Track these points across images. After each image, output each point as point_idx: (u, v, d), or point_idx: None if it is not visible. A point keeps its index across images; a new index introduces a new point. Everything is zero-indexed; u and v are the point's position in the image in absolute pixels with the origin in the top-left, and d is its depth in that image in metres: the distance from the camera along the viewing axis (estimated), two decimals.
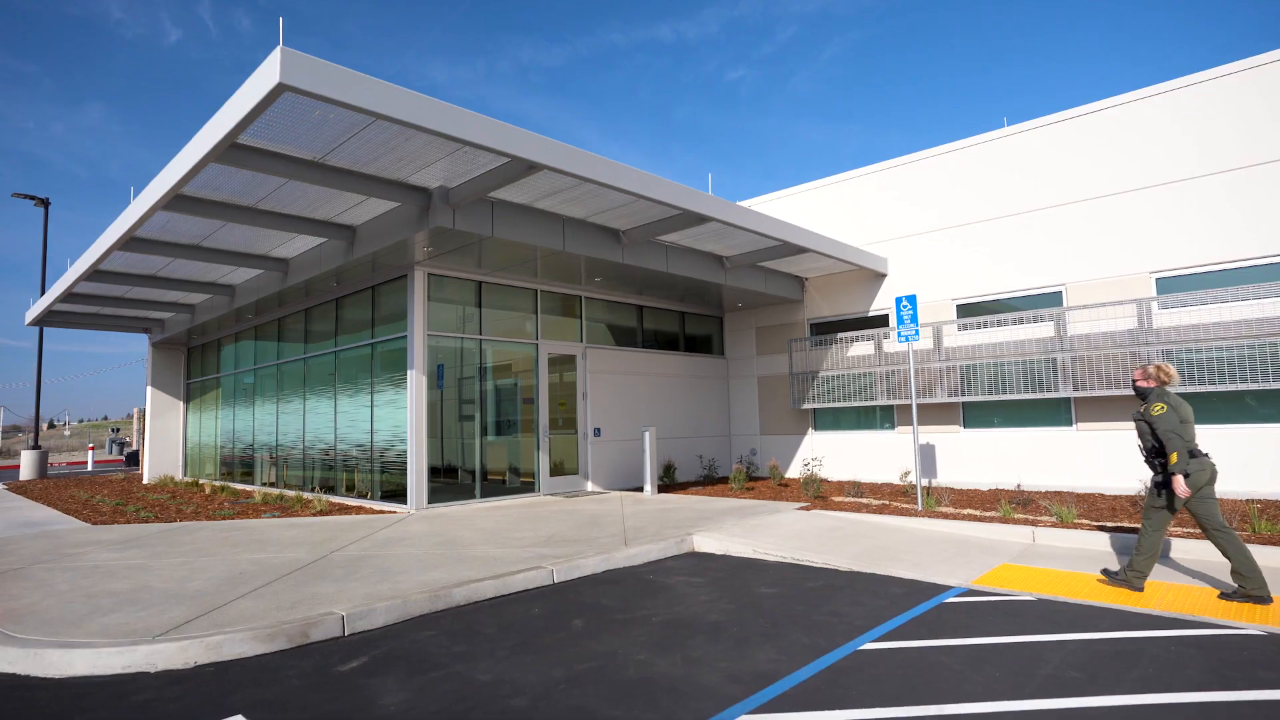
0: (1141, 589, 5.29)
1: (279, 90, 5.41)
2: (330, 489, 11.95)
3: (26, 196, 21.31)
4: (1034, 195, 11.25)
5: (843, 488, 11.64)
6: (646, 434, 11.45)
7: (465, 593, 5.41)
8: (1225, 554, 5.09)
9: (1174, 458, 5.03)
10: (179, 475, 17.68)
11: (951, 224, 12.15)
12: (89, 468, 27.01)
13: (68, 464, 31.12)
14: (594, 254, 9.93)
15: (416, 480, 9.89)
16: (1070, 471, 10.65)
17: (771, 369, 14.62)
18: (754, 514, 8.94)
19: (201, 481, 15.49)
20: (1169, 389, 5.40)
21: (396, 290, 10.59)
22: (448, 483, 10.74)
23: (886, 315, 12.95)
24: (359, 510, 10.15)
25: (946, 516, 8.42)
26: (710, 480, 13.42)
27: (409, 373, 10.06)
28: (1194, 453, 5.12)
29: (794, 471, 13.69)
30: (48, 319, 15.30)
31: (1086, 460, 10.53)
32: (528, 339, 11.69)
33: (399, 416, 10.30)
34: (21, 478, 19.91)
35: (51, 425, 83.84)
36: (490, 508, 10.08)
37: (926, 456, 12.14)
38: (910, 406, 12.16)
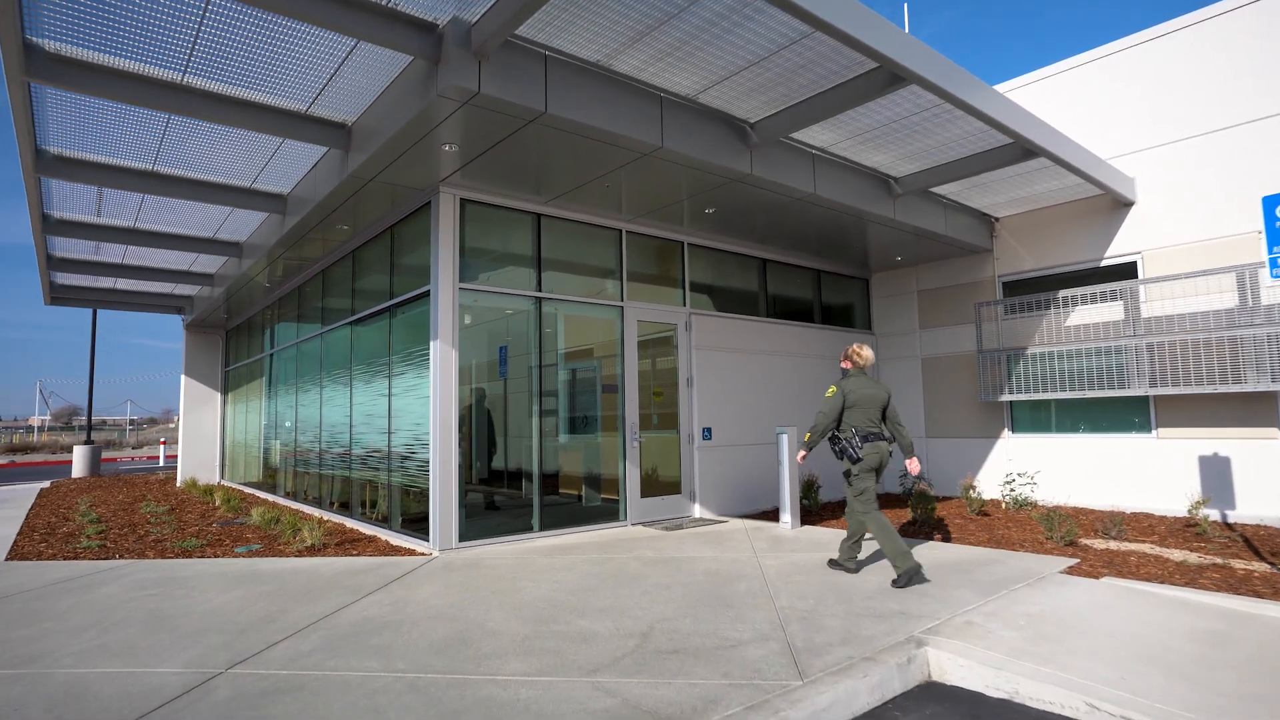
0: (922, 572, 4.99)
1: None
2: (346, 505, 8.90)
3: None
4: None
5: (1080, 520, 7.62)
6: (783, 437, 7.74)
7: None
8: (871, 534, 5.20)
9: (807, 435, 5.34)
10: (215, 477, 15.33)
11: (1247, 117, 7.82)
12: (160, 463, 25.83)
13: (146, 458, 30.34)
14: (708, 158, 6.33)
15: (441, 506, 6.57)
16: None
17: (942, 347, 10.59)
18: (997, 582, 5.10)
19: (218, 487, 12.90)
20: (865, 371, 5.43)
21: (419, 231, 7.34)
22: (503, 497, 7.48)
23: (1134, 263, 8.71)
24: (364, 548, 6.96)
25: None
26: None
27: (432, 345, 6.76)
28: (868, 436, 5.19)
29: (989, 490, 9.64)
30: (62, 295, 13.09)
31: None
32: (609, 300, 8.21)
33: (419, 410, 7.03)
34: (74, 474, 18.56)
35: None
36: (551, 549, 6.67)
37: (1213, 474, 7.90)
38: (1183, 396, 7.93)
